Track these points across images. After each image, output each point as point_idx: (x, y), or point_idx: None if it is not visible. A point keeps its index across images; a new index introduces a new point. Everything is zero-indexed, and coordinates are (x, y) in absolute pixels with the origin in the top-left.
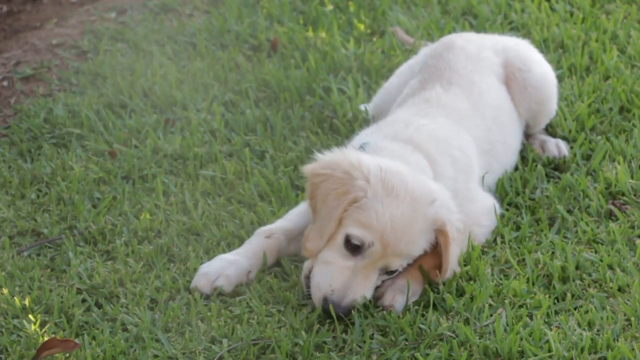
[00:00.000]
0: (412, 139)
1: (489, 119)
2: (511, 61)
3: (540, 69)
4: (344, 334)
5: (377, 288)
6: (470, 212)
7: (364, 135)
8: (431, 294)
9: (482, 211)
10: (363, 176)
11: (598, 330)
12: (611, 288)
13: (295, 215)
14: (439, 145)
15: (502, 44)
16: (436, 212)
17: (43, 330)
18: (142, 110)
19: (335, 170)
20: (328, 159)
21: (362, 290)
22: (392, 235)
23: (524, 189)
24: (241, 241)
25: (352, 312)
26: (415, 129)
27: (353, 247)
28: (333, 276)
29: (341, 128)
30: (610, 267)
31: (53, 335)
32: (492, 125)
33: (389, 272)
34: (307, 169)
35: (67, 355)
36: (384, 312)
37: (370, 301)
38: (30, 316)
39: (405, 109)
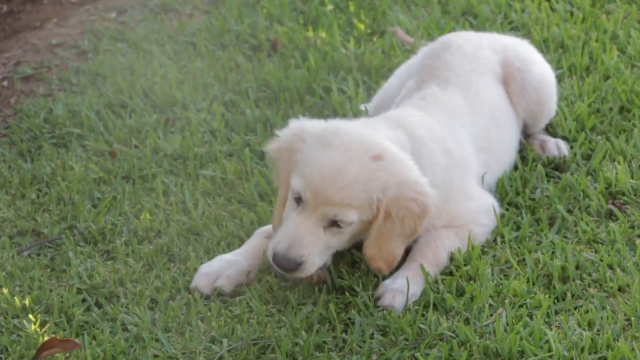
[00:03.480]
0: (401, 123)
1: (486, 118)
2: (510, 61)
3: (540, 69)
4: (344, 334)
5: (377, 288)
6: (468, 209)
7: None
8: (431, 294)
9: (481, 209)
10: (301, 139)
11: (598, 330)
12: (611, 288)
13: None
14: (432, 133)
15: (501, 43)
16: (379, 172)
17: (43, 330)
18: (142, 110)
19: (283, 142)
20: (282, 134)
21: (311, 247)
22: (320, 182)
23: (524, 189)
24: (241, 241)
25: (300, 269)
26: (408, 118)
27: (297, 200)
28: (283, 229)
29: None
30: (610, 267)
31: (53, 335)
32: (490, 124)
33: (336, 225)
34: (268, 148)
35: (67, 355)
36: (384, 312)
37: (370, 301)
38: (30, 316)
39: (401, 108)
